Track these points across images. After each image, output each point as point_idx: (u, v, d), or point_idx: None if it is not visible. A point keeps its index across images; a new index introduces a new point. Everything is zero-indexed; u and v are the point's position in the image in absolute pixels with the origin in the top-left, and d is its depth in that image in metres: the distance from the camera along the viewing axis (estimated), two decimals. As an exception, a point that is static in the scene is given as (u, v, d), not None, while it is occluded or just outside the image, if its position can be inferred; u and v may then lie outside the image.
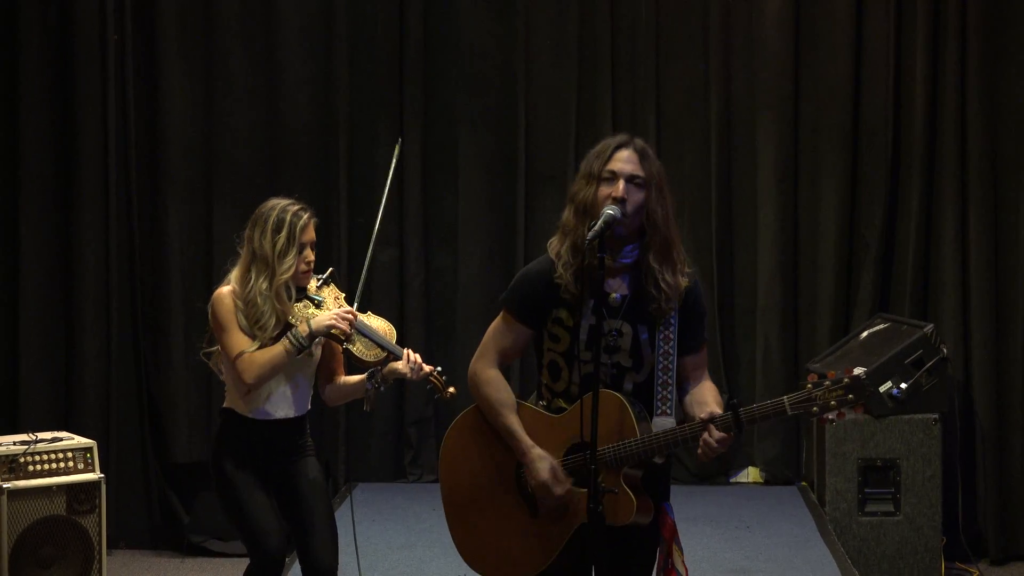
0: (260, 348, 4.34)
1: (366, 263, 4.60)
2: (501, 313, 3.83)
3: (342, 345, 4.39)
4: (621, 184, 3.65)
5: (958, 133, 6.62)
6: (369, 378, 4.43)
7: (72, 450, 5.38)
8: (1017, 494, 6.59)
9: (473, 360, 3.85)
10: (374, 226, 4.68)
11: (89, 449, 5.42)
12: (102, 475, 5.41)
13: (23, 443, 5.35)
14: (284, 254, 4.37)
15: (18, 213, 6.72)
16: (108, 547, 5.56)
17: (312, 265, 4.46)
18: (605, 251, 3.59)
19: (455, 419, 3.92)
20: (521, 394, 3.91)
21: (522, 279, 3.82)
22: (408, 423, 6.96)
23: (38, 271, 6.74)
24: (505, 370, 3.89)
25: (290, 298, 4.39)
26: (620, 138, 3.76)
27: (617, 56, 6.87)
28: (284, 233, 4.38)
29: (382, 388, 4.43)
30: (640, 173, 3.68)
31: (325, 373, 4.56)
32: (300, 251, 4.40)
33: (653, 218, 3.68)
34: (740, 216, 6.91)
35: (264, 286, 4.35)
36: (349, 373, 4.57)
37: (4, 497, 5.19)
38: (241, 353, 4.33)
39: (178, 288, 6.77)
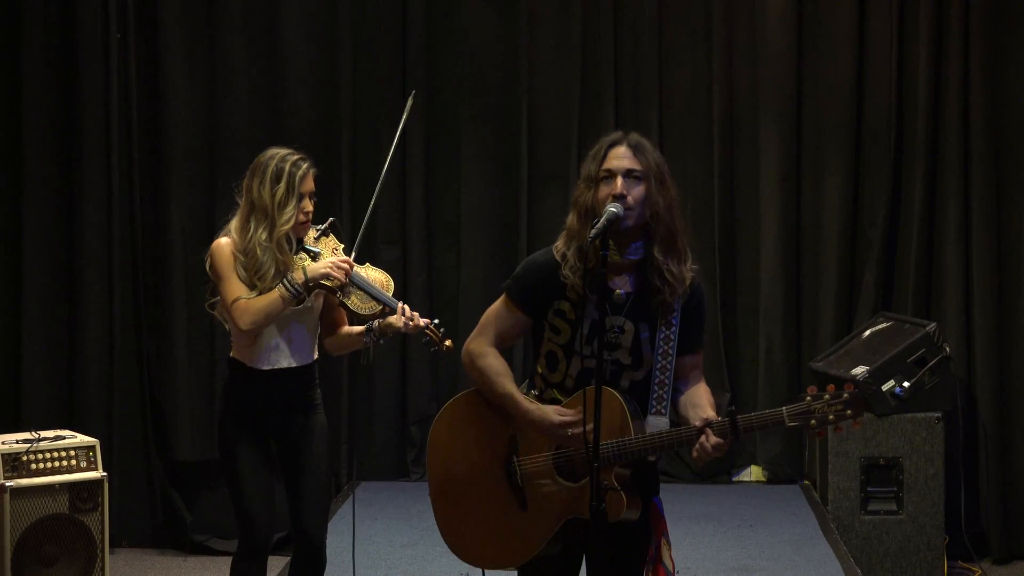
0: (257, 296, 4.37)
1: (367, 215, 4.61)
2: (502, 298, 3.84)
3: (337, 296, 4.40)
4: (619, 181, 3.66)
5: (961, 132, 6.61)
6: (366, 332, 4.45)
7: (75, 448, 5.38)
8: (1020, 493, 6.59)
9: (469, 339, 3.86)
10: (378, 178, 4.69)
11: (92, 447, 5.42)
12: (105, 474, 5.41)
13: (26, 441, 5.35)
14: (284, 204, 4.40)
15: (21, 212, 6.73)
16: (110, 546, 5.56)
17: (311, 216, 4.49)
18: (609, 248, 3.59)
19: (442, 409, 3.92)
20: (518, 380, 3.89)
21: (527, 268, 3.83)
22: (411, 422, 6.97)
23: (41, 269, 6.74)
24: (506, 358, 3.88)
25: (291, 248, 4.42)
26: (614, 136, 3.77)
27: (620, 55, 6.87)
28: (283, 183, 4.41)
29: (380, 341, 4.45)
30: (637, 166, 3.69)
31: (327, 324, 4.59)
32: (299, 201, 4.42)
33: (656, 209, 3.68)
34: (743, 215, 6.91)
35: (264, 236, 4.38)
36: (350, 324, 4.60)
37: (7, 495, 5.19)
38: (237, 299, 4.36)
39: (181, 286, 6.77)
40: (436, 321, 4.49)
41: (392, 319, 4.43)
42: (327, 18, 6.85)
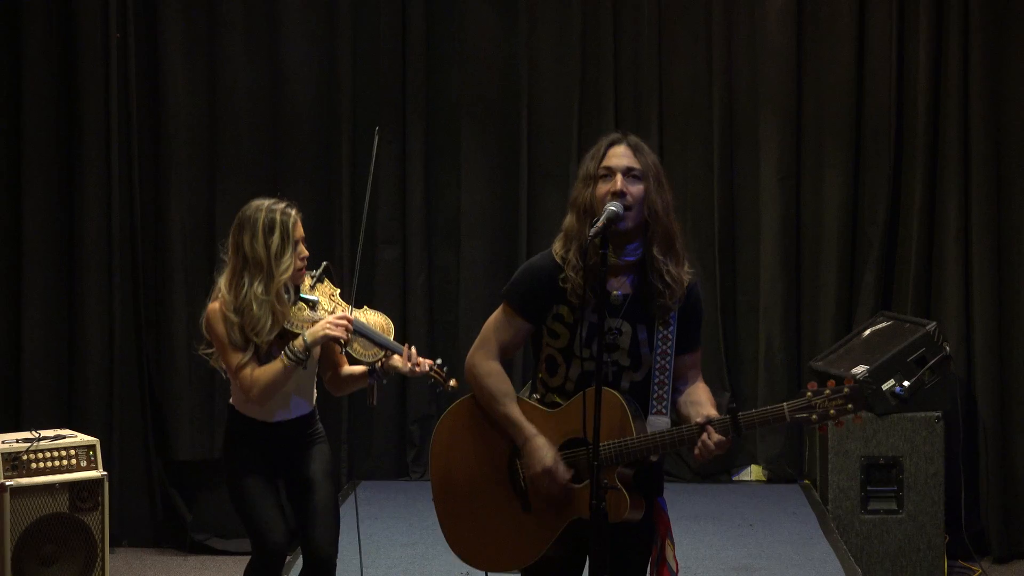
0: (256, 354, 4.33)
1: (357, 260, 4.59)
2: (502, 306, 3.84)
3: (341, 347, 4.38)
4: (619, 178, 3.66)
5: (961, 130, 6.61)
6: (370, 375, 4.43)
7: (75, 448, 5.38)
8: (1020, 492, 6.58)
9: (471, 351, 3.86)
10: (361, 222, 4.66)
11: (92, 447, 5.42)
12: (105, 473, 5.41)
13: (26, 441, 5.35)
14: (280, 254, 4.33)
15: (21, 210, 6.72)
16: (110, 545, 5.56)
17: (307, 261, 4.44)
18: (608, 248, 3.59)
19: (445, 411, 3.92)
20: (519, 386, 3.90)
21: (525, 273, 3.83)
22: (411, 421, 6.96)
23: (41, 269, 6.74)
24: (507, 365, 3.88)
25: (289, 299, 4.38)
26: (613, 136, 3.77)
27: (619, 53, 6.87)
28: (277, 233, 4.32)
29: (384, 382, 4.43)
30: (636, 166, 3.69)
31: (327, 365, 4.56)
32: (294, 248, 4.37)
33: (654, 209, 3.68)
34: (742, 213, 6.91)
35: (260, 290, 4.30)
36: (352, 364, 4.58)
37: (7, 495, 5.19)
38: (242, 367, 4.33)
39: (181, 285, 6.77)
40: (439, 361, 4.46)
41: (396, 362, 4.41)
42: (327, 18, 6.85)
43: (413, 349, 4.39)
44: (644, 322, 3.73)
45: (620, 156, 3.70)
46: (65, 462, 5.34)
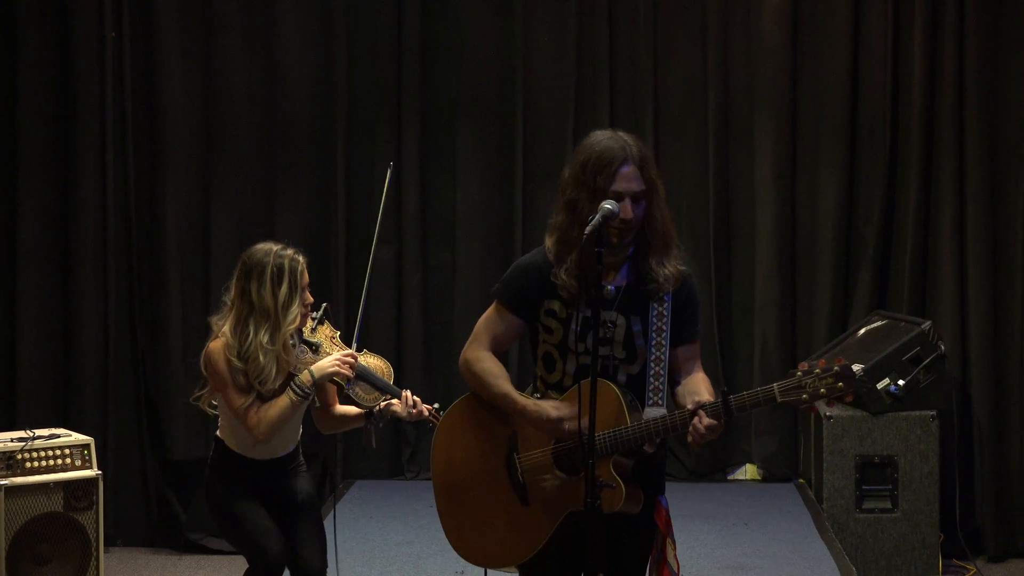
0: (260, 396, 4.31)
1: (362, 300, 4.58)
2: (494, 304, 3.85)
3: (344, 389, 4.38)
4: (628, 206, 3.64)
5: (956, 129, 6.62)
6: (367, 418, 4.43)
7: (69, 447, 5.38)
8: (1015, 490, 6.59)
9: (464, 348, 3.87)
10: (368, 258, 4.67)
11: (86, 446, 5.41)
12: (99, 472, 5.41)
13: (20, 440, 5.35)
14: (288, 304, 4.29)
15: (16, 211, 6.72)
16: (105, 544, 5.56)
17: (310, 307, 4.41)
18: (604, 246, 3.59)
19: (446, 411, 3.93)
20: (517, 388, 3.90)
21: (516, 271, 3.84)
22: (406, 421, 6.94)
23: (36, 268, 6.73)
24: (504, 365, 3.88)
25: (295, 346, 4.36)
26: (618, 152, 3.67)
27: (615, 52, 6.87)
28: (286, 283, 4.28)
29: (380, 425, 4.44)
30: (644, 187, 3.68)
31: (321, 406, 4.55)
32: (301, 297, 4.34)
33: (653, 224, 3.70)
34: (738, 212, 6.91)
35: (265, 339, 4.27)
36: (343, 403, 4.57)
37: (1, 494, 5.19)
38: (247, 409, 4.31)
39: (175, 285, 6.77)
40: (437, 405, 4.48)
41: (395, 407, 4.41)
42: (323, 18, 6.85)
43: (411, 394, 4.41)
44: (638, 314, 3.74)
45: (630, 180, 3.65)
46: (60, 461, 5.33)
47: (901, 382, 6.06)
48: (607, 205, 3.61)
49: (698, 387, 3.77)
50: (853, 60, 6.75)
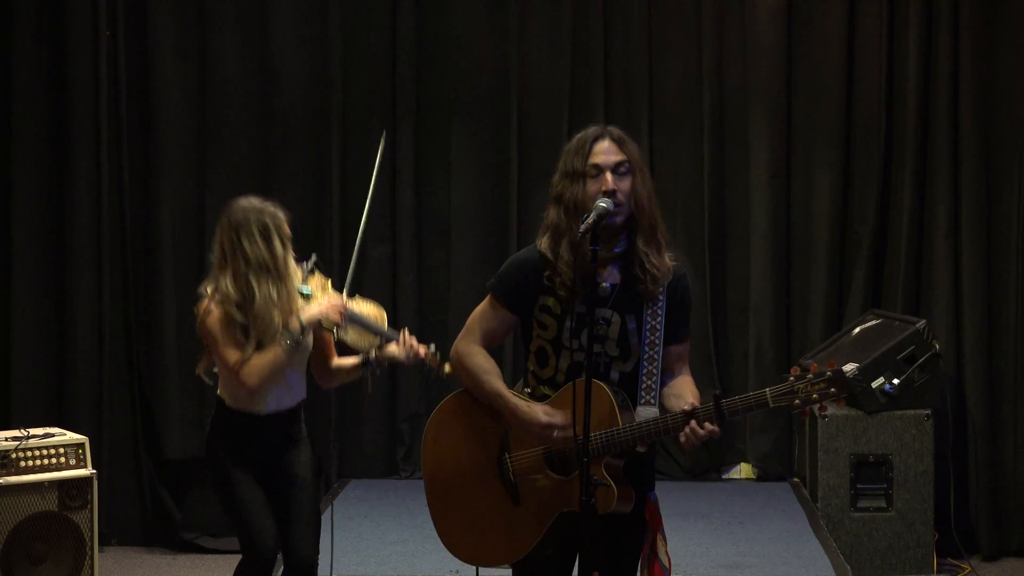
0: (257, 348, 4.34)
1: (355, 250, 4.59)
2: (488, 297, 3.85)
3: (334, 334, 4.38)
4: (609, 177, 3.66)
5: (951, 128, 6.62)
6: (364, 365, 4.43)
7: (64, 446, 5.37)
8: (1009, 489, 6.60)
9: (456, 340, 3.87)
10: (363, 213, 4.66)
11: (81, 445, 5.41)
12: (94, 471, 5.41)
13: (15, 439, 5.34)
14: (286, 259, 4.36)
15: (10, 210, 6.71)
16: (100, 543, 5.55)
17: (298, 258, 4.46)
18: (599, 243, 3.59)
19: (436, 407, 3.92)
20: (509, 383, 3.89)
21: (511, 266, 3.84)
22: (400, 419, 6.96)
23: (30, 267, 6.73)
24: (498, 361, 3.88)
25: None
26: (594, 130, 3.77)
27: (610, 51, 6.87)
28: (276, 238, 4.35)
29: (378, 372, 4.44)
30: (622, 159, 3.69)
31: (318, 359, 4.56)
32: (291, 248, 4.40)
33: (640, 201, 3.70)
34: (732, 212, 6.91)
35: (274, 294, 4.32)
36: (342, 355, 4.57)
37: (-5, 493, 5.19)
38: (239, 361, 4.33)
39: (170, 284, 6.76)
40: (433, 347, 4.48)
41: (392, 349, 4.41)
42: (318, 16, 6.85)
43: (408, 334, 4.39)
44: (632, 312, 3.74)
45: (607, 152, 3.70)
46: (54, 460, 5.33)
47: (896, 381, 6.07)
48: (601, 203, 3.61)
49: (683, 391, 3.77)
50: (848, 60, 6.76)
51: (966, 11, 6.57)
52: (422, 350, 4.42)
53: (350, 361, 4.52)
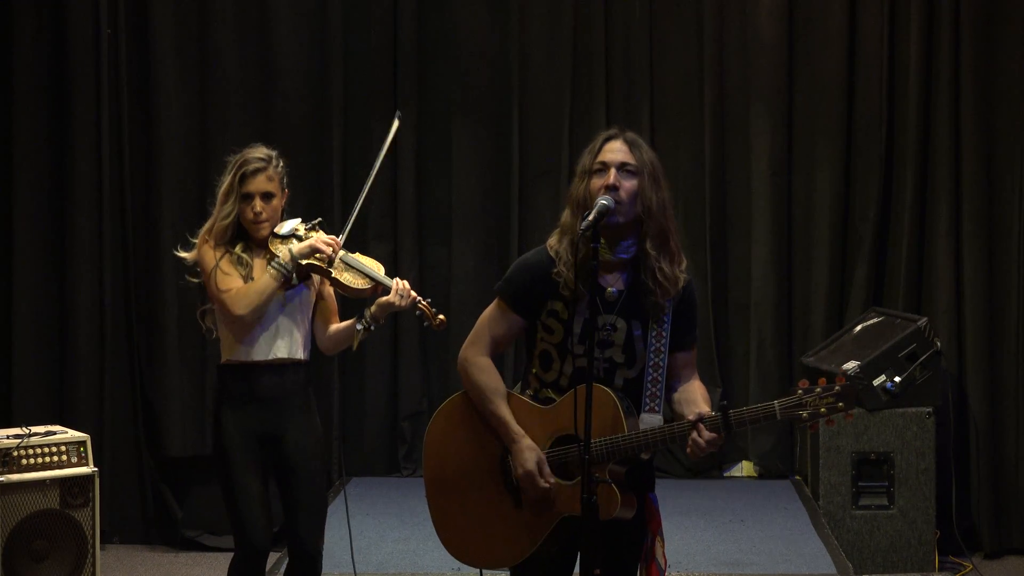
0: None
1: (358, 205, 4.61)
2: (496, 301, 3.83)
3: (329, 274, 4.38)
4: (612, 172, 3.66)
5: (952, 126, 6.62)
6: (358, 319, 4.43)
7: (65, 444, 5.37)
8: (1011, 487, 6.59)
9: (464, 346, 3.84)
10: (370, 173, 4.73)
11: (83, 443, 5.41)
12: (95, 469, 5.40)
13: (16, 436, 5.34)
14: (227, 195, 4.48)
15: (11, 208, 6.71)
16: (101, 541, 5.55)
17: (260, 216, 4.45)
18: (600, 242, 3.58)
19: (439, 407, 3.91)
20: (509, 384, 3.89)
21: (519, 268, 3.82)
22: (402, 418, 6.97)
23: (31, 265, 6.73)
24: (498, 362, 3.88)
25: (230, 242, 4.44)
26: (610, 131, 3.78)
27: (611, 49, 6.87)
28: (228, 175, 4.48)
29: (372, 328, 4.43)
30: (631, 161, 3.69)
31: (319, 320, 4.56)
32: (245, 200, 4.44)
33: (648, 205, 3.68)
34: (734, 210, 6.92)
35: (228, 208, 4.49)
36: (342, 307, 4.60)
37: (-3, 491, 5.19)
38: (229, 289, 4.38)
39: (171, 282, 6.75)
40: (429, 300, 4.50)
41: (389, 299, 4.41)
42: (318, 14, 6.85)
43: (402, 282, 4.42)
44: (639, 318, 3.73)
45: (615, 151, 3.71)
46: (56, 458, 5.33)
47: (897, 379, 6.06)
48: (602, 200, 3.61)
49: (695, 396, 3.77)
50: (849, 56, 6.76)
51: (967, 8, 6.56)
52: (416, 296, 4.43)
53: (347, 323, 4.52)
